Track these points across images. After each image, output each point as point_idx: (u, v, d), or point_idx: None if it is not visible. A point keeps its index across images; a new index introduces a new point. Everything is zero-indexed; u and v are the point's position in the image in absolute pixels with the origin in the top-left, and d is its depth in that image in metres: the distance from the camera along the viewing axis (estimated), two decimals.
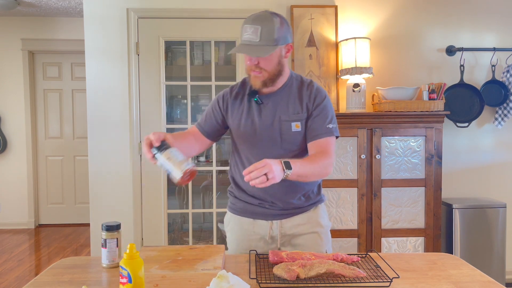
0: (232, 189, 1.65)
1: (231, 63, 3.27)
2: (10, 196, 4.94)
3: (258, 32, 1.39)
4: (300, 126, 1.50)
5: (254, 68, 1.45)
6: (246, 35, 1.41)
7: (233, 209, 1.64)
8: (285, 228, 1.56)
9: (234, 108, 1.58)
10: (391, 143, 2.75)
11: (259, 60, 1.44)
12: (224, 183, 3.36)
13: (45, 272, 1.31)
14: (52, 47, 4.86)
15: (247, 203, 1.59)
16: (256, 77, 1.47)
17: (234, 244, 1.63)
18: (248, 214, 1.59)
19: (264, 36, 1.40)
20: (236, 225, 1.62)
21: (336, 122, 1.54)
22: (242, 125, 1.54)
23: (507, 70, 3.05)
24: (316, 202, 1.61)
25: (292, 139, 1.50)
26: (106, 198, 2.98)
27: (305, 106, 1.51)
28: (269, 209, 1.56)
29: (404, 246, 2.78)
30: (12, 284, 3.23)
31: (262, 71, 1.45)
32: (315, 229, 1.57)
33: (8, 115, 4.88)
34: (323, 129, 1.48)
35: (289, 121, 1.49)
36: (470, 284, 1.21)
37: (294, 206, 1.56)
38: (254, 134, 1.52)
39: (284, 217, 1.56)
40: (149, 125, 3.01)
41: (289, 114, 1.50)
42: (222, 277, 1.07)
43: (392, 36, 3.06)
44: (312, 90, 1.53)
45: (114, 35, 2.95)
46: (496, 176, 3.16)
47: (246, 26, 1.42)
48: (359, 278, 1.19)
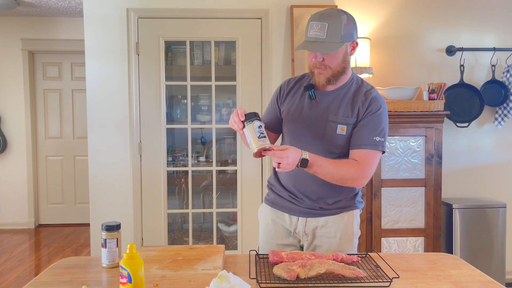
0: (271, 180, 1.68)
1: (231, 63, 3.27)
2: (10, 196, 4.93)
3: (325, 29, 1.39)
4: (346, 130, 1.47)
5: (319, 66, 1.45)
6: (312, 31, 1.41)
7: (267, 200, 1.68)
8: (309, 226, 1.56)
9: (289, 96, 1.60)
10: (391, 143, 2.75)
11: (324, 57, 1.44)
12: (224, 183, 3.36)
13: (45, 272, 1.31)
14: (52, 47, 4.86)
15: (278, 195, 1.62)
16: (320, 74, 1.46)
17: (264, 232, 1.66)
18: (278, 206, 1.62)
19: (331, 33, 1.39)
20: (266, 214, 1.66)
21: (386, 137, 1.49)
22: (291, 114, 1.55)
23: (507, 70, 3.05)
24: (347, 207, 1.57)
25: (334, 141, 1.49)
26: (106, 198, 2.98)
27: (357, 111, 1.48)
28: (297, 205, 1.56)
29: (404, 246, 2.78)
30: (12, 284, 3.23)
31: (327, 68, 1.45)
32: (339, 234, 1.55)
33: (8, 115, 4.88)
34: (368, 140, 1.45)
35: (335, 123, 1.48)
36: (470, 284, 1.21)
37: (322, 207, 1.55)
38: (299, 126, 1.52)
39: (310, 215, 1.56)
40: (149, 125, 3.01)
41: (338, 116, 1.48)
42: (222, 278, 1.07)
43: (392, 36, 3.06)
44: (368, 97, 1.49)
45: (114, 35, 2.94)
46: (496, 176, 3.16)
47: (313, 23, 1.41)
48: (359, 278, 1.19)
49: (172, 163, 3.30)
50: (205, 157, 3.48)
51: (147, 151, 3.02)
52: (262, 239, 1.67)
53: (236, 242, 3.19)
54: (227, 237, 3.33)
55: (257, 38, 3.02)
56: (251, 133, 1.36)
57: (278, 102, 1.63)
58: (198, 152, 3.54)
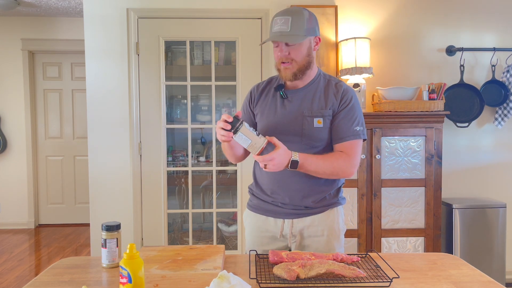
0: (251, 186, 1.69)
1: (231, 63, 3.27)
2: (10, 196, 4.94)
3: (288, 22, 1.44)
4: (322, 122, 1.50)
5: (285, 59, 1.49)
6: (277, 26, 1.46)
7: (250, 205, 1.68)
8: (296, 227, 1.56)
9: (260, 100, 1.62)
10: (391, 143, 2.75)
11: (290, 51, 1.48)
12: (224, 183, 3.36)
13: (45, 272, 1.31)
14: (52, 47, 4.86)
15: (261, 200, 1.62)
16: (286, 69, 1.50)
17: (249, 239, 1.66)
18: (262, 211, 1.62)
19: (294, 26, 1.45)
20: (251, 221, 1.66)
21: (364, 124, 1.55)
22: (265, 116, 1.57)
23: (507, 70, 3.05)
24: (331, 204, 1.58)
25: (313, 135, 1.51)
26: (106, 198, 2.98)
27: (331, 104, 1.51)
28: (281, 208, 1.57)
29: (404, 246, 2.78)
30: (12, 284, 3.23)
31: (293, 62, 1.48)
32: (326, 232, 1.55)
33: (8, 115, 4.88)
34: (350, 131, 1.50)
35: (311, 117, 1.51)
36: (470, 284, 1.21)
37: (307, 206, 1.55)
38: (276, 126, 1.53)
39: (296, 216, 1.56)
40: (149, 125, 3.01)
41: (313, 110, 1.51)
42: (223, 278, 1.07)
43: (392, 36, 3.06)
44: (340, 89, 1.54)
45: (114, 35, 2.95)
46: (496, 176, 3.16)
47: (276, 18, 1.47)
48: (359, 278, 1.19)
49: (172, 163, 3.30)
50: (205, 157, 3.48)
51: (147, 151, 3.02)
52: (247, 244, 1.67)
53: (236, 242, 3.19)
54: (227, 237, 3.33)
55: (257, 38, 3.02)
56: (248, 134, 1.34)
57: (251, 107, 1.65)
58: (198, 152, 3.54)
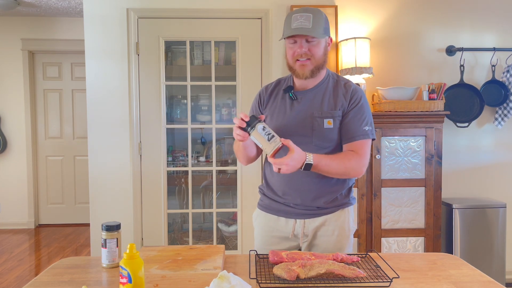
0: (262, 186, 1.69)
1: (231, 63, 3.27)
2: (10, 196, 4.93)
3: (310, 19, 1.44)
4: (332, 123, 1.50)
5: (304, 55, 1.48)
6: (297, 22, 1.45)
7: (261, 205, 1.68)
8: (308, 228, 1.57)
9: (270, 102, 1.62)
10: (391, 143, 2.75)
11: (310, 47, 1.47)
12: (224, 183, 3.36)
13: (45, 272, 1.31)
14: (52, 47, 4.86)
15: (272, 200, 1.62)
16: (304, 66, 1.49)
17: (258, 239, 1.66)
18: (273, 211, 1.62)
19: (316, 24, 1.45)
20: (261, 221, 1.66)
21: (373, 124, 1.55)
22: (275, 117, 1.57)
23: (507, 70, 3.05)
24: (342, 204, 1.59)
25: (324, 136, 1.51)
26: (106, 198, 2.98)
27: (340, 105, 1.52)
28: (293, 208, 1.57)
29: (404, 246, 2.78)
30: (12, 284, 3.23)
31: (311, 59, 1.48)
32: (337, 232, 1.56)
33: (8, 115, 4.88)
34: (359, 131, 1.50)
35: (321, 118, 1.51)
36: (470, 284, 1.21)
37: (318, 207, 1.56)
38: (286, 129, 1.53)
39: (308, 217, 1.56)
40: (149, 125, 3.01)
41: (323, 110, 1.51)
42: (223, 278, 1.07)
43: (392, 36, 3.06)
44: (349, 89, 1.54)
45: (114, 35, 2.94)
46: (496, 176, 3.16)
47: (297, 15, 1.46)
48: (359, 278, 1.19)
49: (172, 163, 3.30)
50: (205, 157, 3.48)
51: (147, 151, 3.02)
52: (256, 243, 1.67)
53: (236, 242, 3.19)
54: (227, 237, 3.33)
55: (257, 38, 3.02)
56: (259, 138, 1.36)
57: (260, 109, 1.65)
58: (198, 152, 3.54)
